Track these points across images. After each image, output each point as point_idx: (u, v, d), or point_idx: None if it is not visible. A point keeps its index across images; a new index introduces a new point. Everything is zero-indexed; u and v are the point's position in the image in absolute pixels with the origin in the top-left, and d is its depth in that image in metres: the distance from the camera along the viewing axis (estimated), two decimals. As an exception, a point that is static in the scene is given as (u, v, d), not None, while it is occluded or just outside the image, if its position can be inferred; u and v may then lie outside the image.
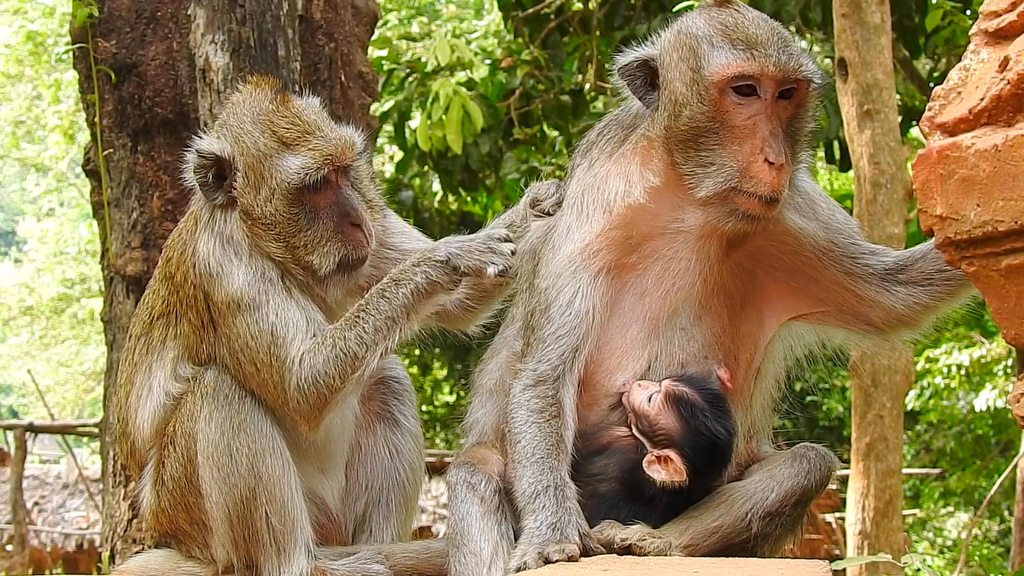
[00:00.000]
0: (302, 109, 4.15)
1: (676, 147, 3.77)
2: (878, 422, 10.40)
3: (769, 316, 4.04)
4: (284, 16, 6.84)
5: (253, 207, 4.06)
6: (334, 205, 4.09)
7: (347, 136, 4.15)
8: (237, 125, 4.12)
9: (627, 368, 3.92)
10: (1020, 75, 2.92)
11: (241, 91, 4.25)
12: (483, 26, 17.52)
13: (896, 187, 10.37)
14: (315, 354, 3.95)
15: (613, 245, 3.90)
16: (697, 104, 3.70)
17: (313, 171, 4.03)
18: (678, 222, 3.87)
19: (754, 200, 3.69)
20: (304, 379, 3.94)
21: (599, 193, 3.93)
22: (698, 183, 3.74)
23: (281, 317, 4.00)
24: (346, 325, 3.97)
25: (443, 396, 24.13)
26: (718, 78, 3.68)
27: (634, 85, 3.87)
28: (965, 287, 3.92)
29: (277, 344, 3.97)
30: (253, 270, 4.06)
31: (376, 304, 3.94)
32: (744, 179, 3.68)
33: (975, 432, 23.39)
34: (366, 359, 3.93)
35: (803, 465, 3.89)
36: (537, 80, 14.19)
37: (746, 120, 3.69)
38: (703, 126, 3.71)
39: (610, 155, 3.98)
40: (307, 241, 4.05)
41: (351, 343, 3.93)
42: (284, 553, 4.03)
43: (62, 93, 25.40)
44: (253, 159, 4.06)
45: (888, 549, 9.92)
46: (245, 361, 4.03)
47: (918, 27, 12.97)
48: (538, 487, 3.67)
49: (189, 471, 4.07)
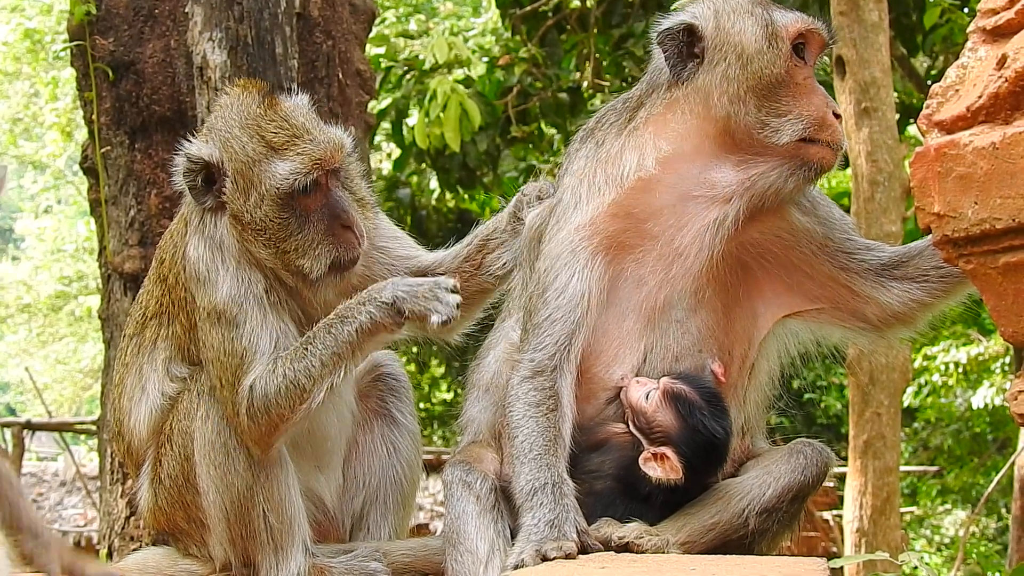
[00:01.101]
0: (290, 112, 4.10)
1: (741, 99, 3.79)
2: (875, 420, 10.42)
3: (763, 312, 4.04)
4: (282, 14, 6.83)
5: (243, 212, 4.02)
6: (325, 208, 4.05)
7: (336, 138, 4.10)
8: (225, 129, 4.07)
9: (624, 360, 3.92)
10: (1018, 73, 2.92)
11: (229, 94, 4.20)
12: (481, 24, 17.54)
13: (894, 185, 10.38)
14: (267, 383, 3.93)
15: (617, 219, 3.89)
16: (771, 54, 3.80)
17: (303, 176, 3.98)
18: (702, 186, 3.86)
19: (828, 150, 3.80)
20: (255, 406, 3.93)
21: (612, 167, 3.92)
22: (775, 131, 3.78)
23: (252, 342, 3.98)
24: (295, 356, 3.95)
25: (440, 393, 24.14)
26: (792, 31, 3.83)
27: (675, 49, 3.87)
28: (962, 284, 3.91)
29: (243, 368, 3.95)
30: (239, 282, 4.04)
31: (323, 339, 3.92)
32: (821, 128, 3.79)
33: (973, 430, 23.40)
34: (312, 393, 3.91)
35: (800, 461, 3.89)
36: (535, 78, 14.19)
37: (804, 79, 3.83)
38: (775, 78, 3.80)
39: (618, 133, 3.98)
40: (298, 245, 4.02)
41: (300, 375, 3.91)
42: (282, 551, 4.03)
43: (60, 90, 25.37)
44: (242, 164, 4.01)
45: (886, 547, 9.93)
46: (212, 372, 4.03)
47: (916, 25, 12.98)
48: (536, 484, 3.66)
49: (186, 469, 4.06)
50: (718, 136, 3.83)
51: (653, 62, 4.02)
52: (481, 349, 4.29)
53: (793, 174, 3.81)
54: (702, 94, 3.83)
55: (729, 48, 3.82)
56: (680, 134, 3.86)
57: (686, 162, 3.86)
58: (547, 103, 14.13)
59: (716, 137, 3.84)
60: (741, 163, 3.83)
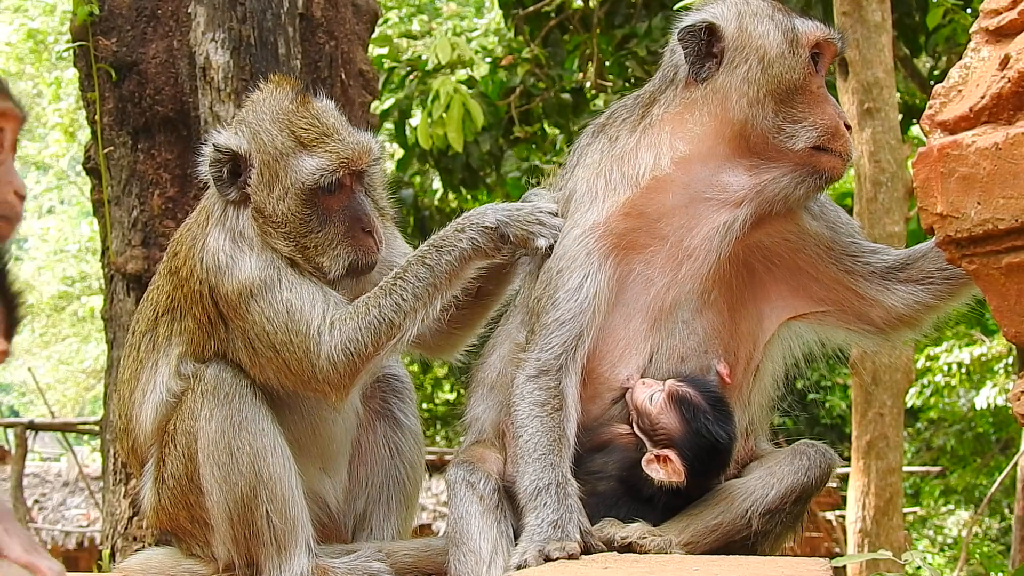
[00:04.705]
0: (321, 111, 4.15)
1: (760, 102, 3.80)
2: (879, 420, 10.41)
3: (768, 314, 4.04)
4: (284, 14, 6.84)
5: (266, 205, 4.05)
6: (347, 209, 4.08)
7: (365, 141, 4.14)
8: (256, 122, 4.11)
9: (629, 361, 3.92)
10: (1021, 73, 2.92)
11: (262, 89, 4.25)
12: (484, 24, 17.54)
13: (896, 185, 10.37)
14: (346, 321, 3.94)
15: (630, 217, 3.89)
16: (791, 60, 3.82)
17: (328, 173, 4.02)
18: (713, 188, 3.86)
19: (838, 160, 3.83)
20: (335, 346, 3.92)
21: (628, 165, 3.92)
22: (790, 136, 3.80)
23: (296, 292, 3.99)
24: (381, 292, 3.96)
25: (443, 394, 24.13)
26: (812, 39, 3.85)
27: (695, 47, 3.87)
28: (966, 286, 3.92)
29: (295, 319, 3.96)
30: (264, 260, 4.05)
31: (415, 271, 3.95)
32: (833, 138, 3.81)
33: (976, 430, 23.39)
34: (403, 326, 3.92)
35: (803, 462, 3.89)
36: (538, 78, 14.19)
37: (817, 88, 3.86)
38: (794, 84, 3.81)
39: (632, 130, 3.98)
40: (318, 243, 4.05)
41: (387, 310, 3.92)
42: (285, 551, 4.03)
43: (63, 91, 25.41)
44: (269, 157, 4.05)
45: (889, 547, 9.93)
46: (263, 347, 4.00)
47: (919, 25, 12.97)
48: (540, 484, 3.67)
49: (190, 469, 4.06)
50: (733, 139, 3.84)
51: (667, 58, 4.02)
52: (485, 348, 4.29)
53: (803, 181, 3.82)
54: (721, 95, 3.83)
55: (751, 51, 3.83)
56: (697, 135, 3.86)
57: (699, 163, 3.87)
58: (550, 103, 14.13)
59: (731, 140, 3.84)
60: (753, 167, 3.83)
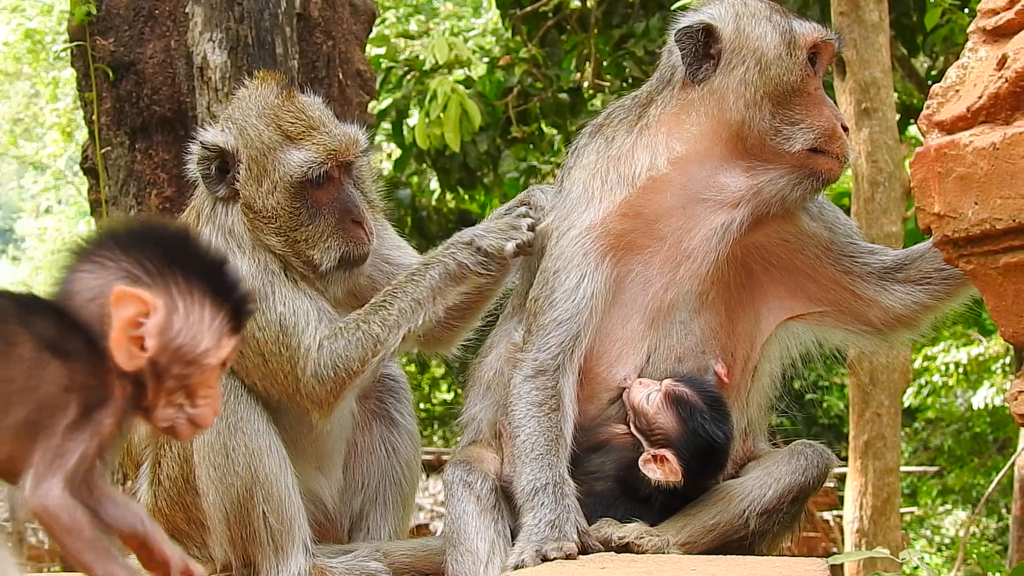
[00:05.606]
0: (307, 105, 4.16)
1: (757, 104, 3.79)
2: (876, 420, 10.41)
3: (766, 315, 4.04)
4: (282, 14, 6.84)
5: (255, 200, 4.06)
6: (336, 201, 4.09)
7: (352, 133, 4.16)
8: (242, 118, 4.12)
9: (627, 361, 3.92)
10: (1018, 73, 2.92)
11: (247, 85, 4.26)
12: (481, 24, 17.53)
13: (894, 185, 10.37)
14: (335, 339, 3.97)
15: (628, 218, 3.89)
16: (789, 61, 3.81)
17: (316, 165, 4.04)
18: (711, 189, 3.86)
19: (835, 162, 3.83)
20: (323, 365, 3.95)
21: (624, 166, 3.92)
22: (787, 138, 3.80)
23: (289, 306, 4.01)
24: (370, 310, 4.00)
25: (440, 394, 24.13)
26: (810, 40, 3.84)
27: (692, 48, 3.86)
28: (963, 286, 3.92)
29: (287, 333, 3.97)
30: (256, 263, 4.06)
31: (403, 287, 3.99)
32: (830, 140, 3.81)
33: (973, 430, 23.38)
34: (387, 341, 3.95)
35: (800, 462, 3.89)
36: (535, 78, 14.18)
37: (815, 90, 3.85)
38: (792, 85, 3.80)
39: (628, 130, 3.97)
40: (308, 236, 4.06)
41: (374, 326, 3.96)
42: (282, 552, 4.03)
43: (60, 91, 25.36)
44: (257, 151, 4.06)
45: (886, 547, 9.88)
46: (251, 353, 4.01)
47: (916, 25, 12.97)
48: (537, 484, 3.67)
49: (186, 470, 4.06)
50: (730, 140, 3.84)
51: (664, 59, 4.01)
52: (483, 347, 4.29)
53: (800, 183, 3.82)
54: (717, 96, 3.83)
55: (748, 52, 3.83)
56: (694, 136, 3.86)
57: (697, 164, 3.86)
58: (547, 103, 14.12)
59: (728, 141, 3.84)
60: (750, 169, 3.83)
